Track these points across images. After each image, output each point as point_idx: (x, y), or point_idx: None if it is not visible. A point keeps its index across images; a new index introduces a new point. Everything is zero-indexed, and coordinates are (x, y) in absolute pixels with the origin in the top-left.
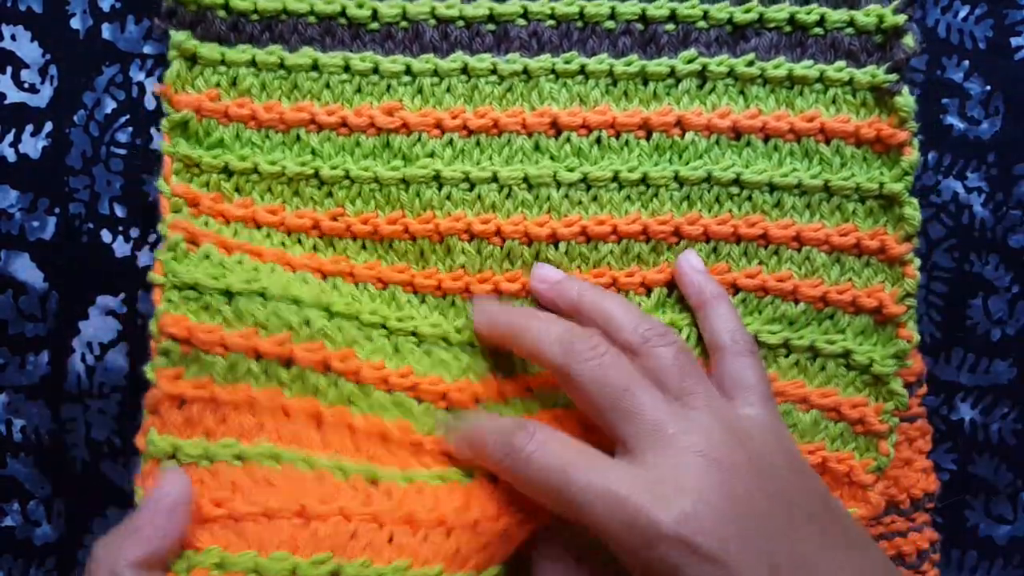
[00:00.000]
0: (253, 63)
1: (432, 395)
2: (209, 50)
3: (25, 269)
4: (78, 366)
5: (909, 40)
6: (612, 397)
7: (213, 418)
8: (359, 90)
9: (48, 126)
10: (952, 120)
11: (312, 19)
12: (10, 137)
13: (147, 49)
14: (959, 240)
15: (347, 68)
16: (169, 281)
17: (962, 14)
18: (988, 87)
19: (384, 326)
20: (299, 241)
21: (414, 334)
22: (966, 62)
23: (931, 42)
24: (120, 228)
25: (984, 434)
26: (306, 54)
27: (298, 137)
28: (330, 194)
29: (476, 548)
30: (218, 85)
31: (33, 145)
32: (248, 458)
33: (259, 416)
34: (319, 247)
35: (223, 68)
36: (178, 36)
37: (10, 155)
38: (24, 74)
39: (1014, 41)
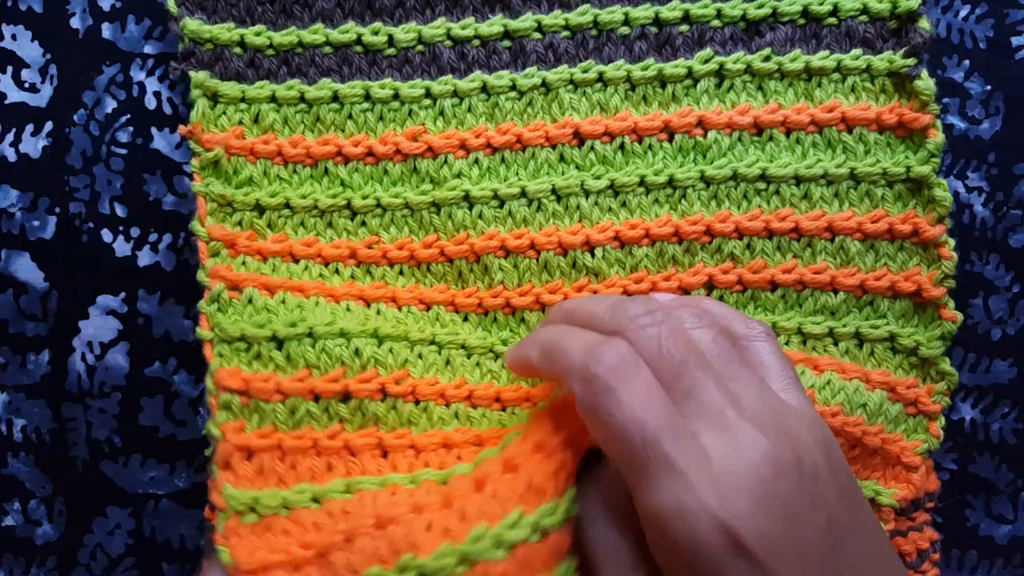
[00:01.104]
0: (273, 98)
1: (486, 400)
2: (229, 88)
3: (25, 269)
4: (78, 366)
5: (925, 23)
6: (672, 372)
7: (283, 466)
8: (381, 118)
9: (48, 126)
10: (952, 119)
11: (328, 49)
12: (10, 137)
13: (148, 48)
14: (959, 239)
15: (368, 96)
16: (217, 336)
17: (963, 14)
18: (988, 87)
19: (434, 341)
20: (337, 271)
21: (463, 347)
22: (966, 62)
23: (932, 41)
24: (120, 228)
25: (984, 434)
26: (325, 86)
27: (326, 170)
28: (363, 223)
29: (547, 473)
30: (241, 123)
31: (33, 145)
32: (323, 497)
33: (326, 456)
34: (357, 276)
35: (244, 105)
36: (199, 75)
37: (10, 155)
38: (24, 74)
39: (1015, 41)
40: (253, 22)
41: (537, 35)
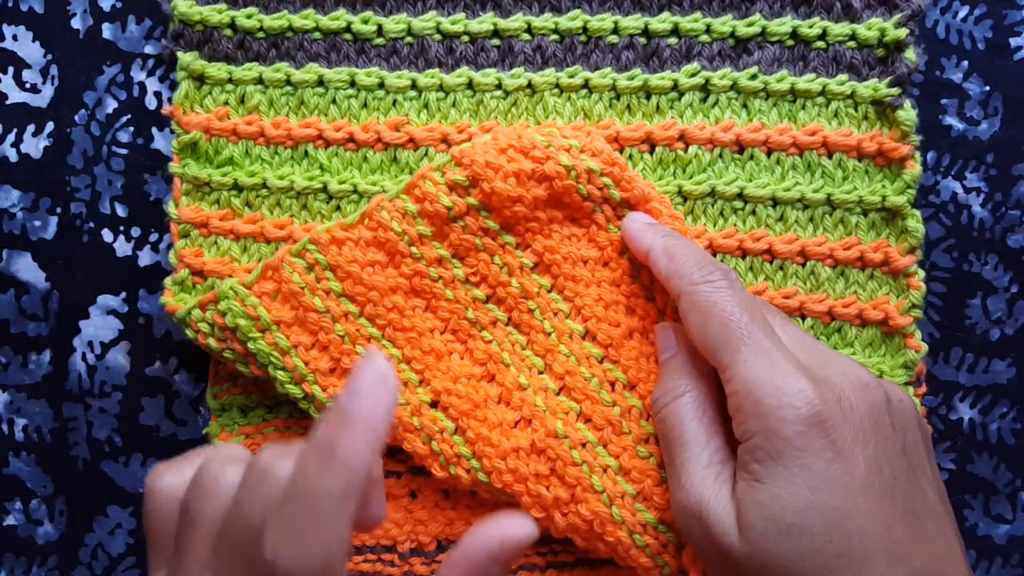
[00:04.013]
0: (260, 80)
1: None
2: (216, 69)
3: (27, 269)
4: (79, 365)
5: (911, 54)
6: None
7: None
8: (365, 105)
9: (49, 126)
10: (951, 120)
11: (317, 35)
12: (12, 137)
13: (148, 49)
14: (958, 240)
15: (353, 83)
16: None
17: (961, 15)
18: (987, 87)
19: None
20: None
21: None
22: (965, 62)
23: (930, 42)
24: (121, 228)
25: (983, 433)
26: (312, 70)
27: (306, 153)
28: (338, 208)
29: None
30: (226, 103)
31: (35, 145)
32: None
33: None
34: None
35: (231, 86)
36: (186, 57)
37: (12, 155)
38: (26, 74)
39: (1013, 42)
40: (245, 4)
41: (526, 36)
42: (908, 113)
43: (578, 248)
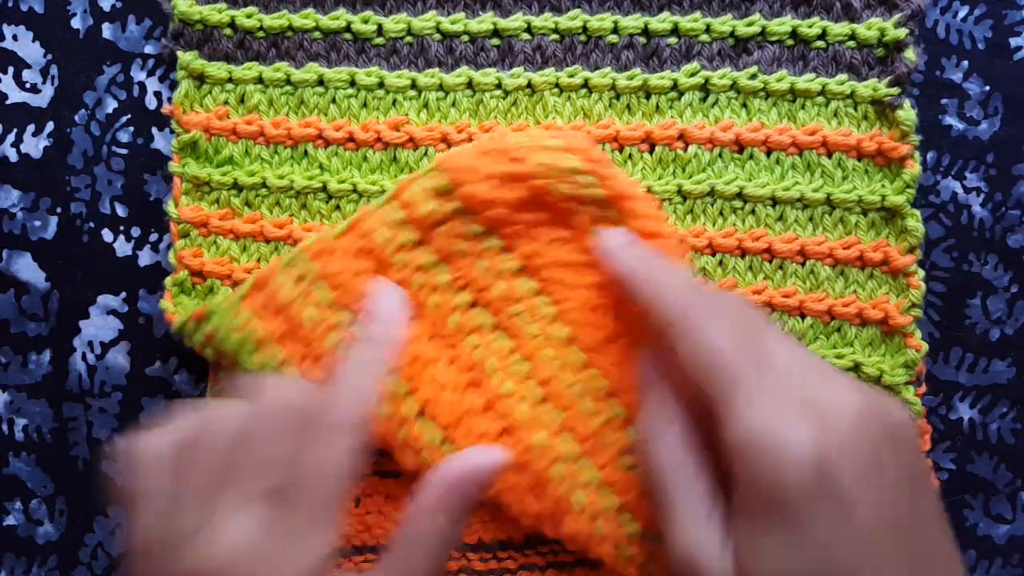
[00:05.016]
0: (260, 80)
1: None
2: (216, 69)
3: (27, 269)
4: (79, 365)
5: (910, 54)
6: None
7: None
8: (365, 105)
9: (49, 126)
10: (951, 120)
11: (317, 35)
12: (12, 137)
13: (148, 48)
14: (958, 240)
15: (353, 83)
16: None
17: (961, 14)
18: (987, 87)
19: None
20: None
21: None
22: (965, 62)
23: (930, 42)
24: (121, 228)
25: (983, 433)
26: (312, 69)
27: (306, 152)
28: (338, 207)
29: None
30: (226, 103)
31: (35, 145)
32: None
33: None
34: None
35: (231, 86)
36: (185, 56)
37: (12, 155)
38: (26, 74)
39: (1013, 42)
40: (245, 4)
41: (526, 36)
42: (908, 113)
43: (565, 252)
